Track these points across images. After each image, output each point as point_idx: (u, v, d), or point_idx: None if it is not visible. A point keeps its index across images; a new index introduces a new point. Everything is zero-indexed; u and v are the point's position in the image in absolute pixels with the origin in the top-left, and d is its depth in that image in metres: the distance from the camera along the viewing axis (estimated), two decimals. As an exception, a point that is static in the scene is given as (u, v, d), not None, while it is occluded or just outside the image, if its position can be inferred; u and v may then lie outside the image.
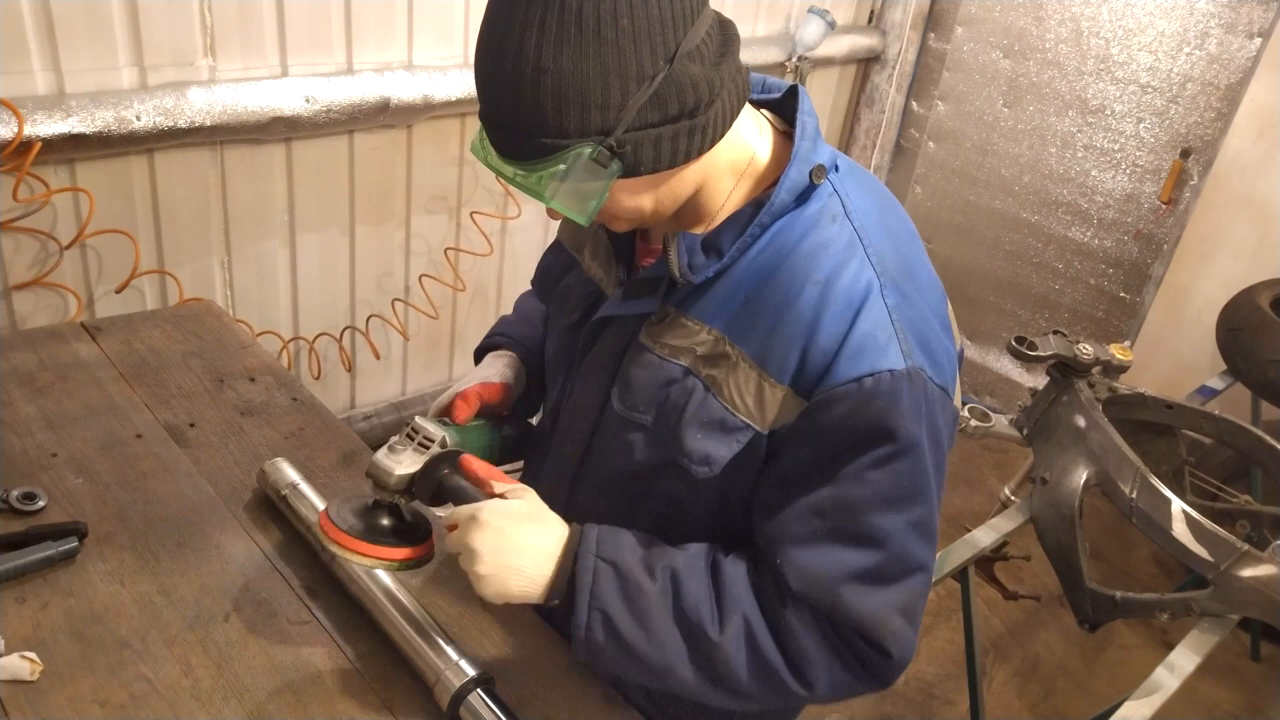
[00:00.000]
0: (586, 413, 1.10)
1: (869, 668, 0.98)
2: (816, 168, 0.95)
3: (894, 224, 1.01)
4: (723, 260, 0.96)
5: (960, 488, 3.43)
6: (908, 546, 0.95)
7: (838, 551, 0.94)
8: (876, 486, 0.93)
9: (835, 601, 0.94)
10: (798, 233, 0.95)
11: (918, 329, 0.94)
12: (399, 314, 2.70)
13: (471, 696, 1.04)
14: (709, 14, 0.89)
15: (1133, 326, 3.48)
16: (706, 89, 0.87)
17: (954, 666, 2.67)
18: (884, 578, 0.95)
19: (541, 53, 0.80)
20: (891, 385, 0.90)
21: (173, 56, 2.00)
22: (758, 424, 0.96)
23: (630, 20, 0.80)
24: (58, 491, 1.29)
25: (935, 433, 0.95)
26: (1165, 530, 1.77)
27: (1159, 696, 1.56)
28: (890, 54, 3.75)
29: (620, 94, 0.82)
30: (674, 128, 0.87)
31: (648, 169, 0.88)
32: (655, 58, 0.82)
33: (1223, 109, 3.12)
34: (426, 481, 1.06)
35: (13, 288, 1.98)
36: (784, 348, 0.93)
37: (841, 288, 0.92)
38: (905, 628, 0.97)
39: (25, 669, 1.02)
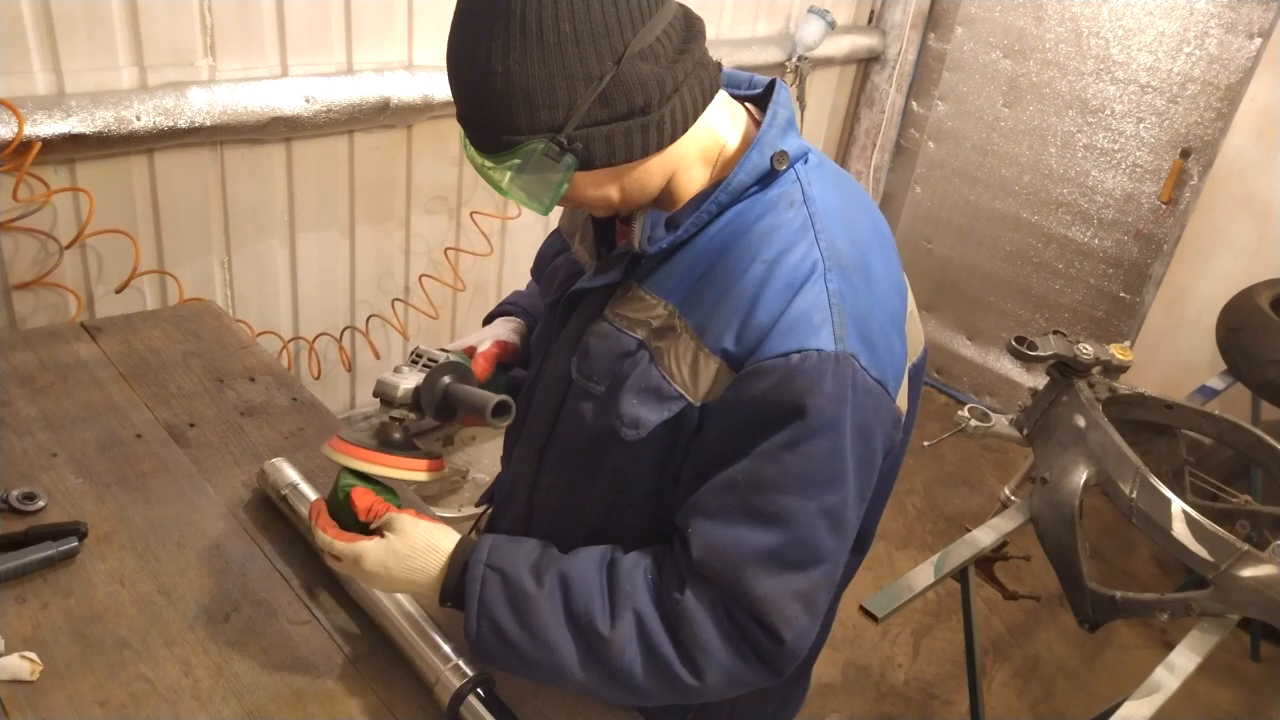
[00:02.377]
0: (555, 388, 1.13)
1: (761, 654, 0.97)
2: (778, 153, 0.98)
3: (858, 219, 1.02)
4: (678, 234, 0.98)
5: (960, 488, 3.44)
6: (814, 533, 0.95)
7: (744, 529, 0.94)
8: (789, 466, 0.92)
9: (736, 579, 0.95)
10: (755, 214, 0.98)
11: (860, 318, 0.94)
12: (399, 314, 2.70)
13: (471, 696, 1.04)
14: (670, 10, 0.91)
15: (1133, 326, 3.48)
16: (658, 87, 0.89)
17: (954, 666, 2.67)
18: (786, 562, 0.95)
19: (492, 57, 0.86)
20: (817, 364, 0.90)
21: (173, 56, 2.00)
22: (690, 395, 0.98)
23: (572, 25, 0.84)
24: (58, 491, 1.29)
25: (863, 423, 0.94)
26: (1165, 530, 1.77)
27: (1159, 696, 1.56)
28: (890, 54, 3.75)
29: (567, 94, 0.87)
30: (626, 124, 0.90)
31: (602, 163, 0.92)
32: (602, 59, 0.86)
33: (1223, 109, 3.12)
34: (430, 393, 1.07)
35: (13, 288, 1.98)
36: (723, 321, 0.95)
37: (786, 267, 0.94)
38: (802, 616, 0.96)
39: (25, 669, 1.02)
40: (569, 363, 1.09)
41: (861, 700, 2.54)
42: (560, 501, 1.16)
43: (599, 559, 1.01)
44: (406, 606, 1.13)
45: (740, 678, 0.98)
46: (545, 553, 1.03)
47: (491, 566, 1.01)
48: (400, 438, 1.09)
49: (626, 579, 0.99)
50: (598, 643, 0.97)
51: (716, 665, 0.96)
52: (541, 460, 1.17)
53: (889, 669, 2.66)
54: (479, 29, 0.86)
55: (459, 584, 1.01)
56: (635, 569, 1.00)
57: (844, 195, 1.03)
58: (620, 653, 0.96)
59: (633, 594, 0.98)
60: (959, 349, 3.98)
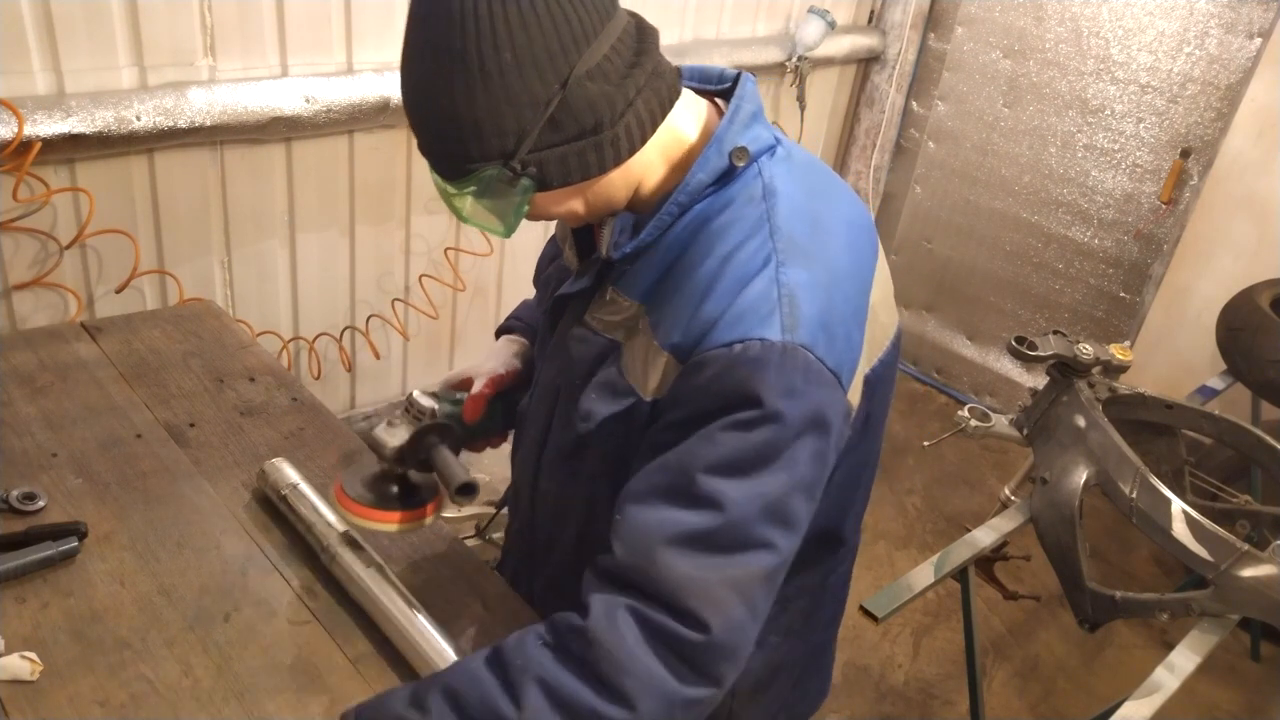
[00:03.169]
0: (547, 395, 1.13)
1: (687, 653, 0.88)
2: (737, 150, 0.97)
3: (823, 211, 1.01)
4: (640, 238, 0.98)
5: (960, 488, 3.44)
6: (748, 519, 0.88)
7: (668, 510, 0.89)
8: (724, 448, 0.89)
9: (650, 561, 0.88)
10: (715, 211, 0.97)
11: (817, 309, 0.92)
12: (399, 314, 2.71)
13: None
14: (618, 24, 0.90)
15: (1133, 326, 3.48)
16: (608, 106, 0.89)
17: (954, 666, 2.67)
18: (714, 545, 0.88)
19: (438, 90, 0.87)
20: (760, 353, 0.89)
21: (173, 56, 2.00)
22: (641, 390, 0.98)
23: (513, 53, 0.84)
24: (58, 491, 1.29)
25: (815, 415, 0.91)
26: (1165, 530, 1.77)
27: (1159, 696, 1.56)
28: (890, 54, 3.75)
29: (514, 121, 0.87)
30: (579, 145, 0.90)
31: (559, 183, 0.92)
32: (547, 84, 0.86)
33: (1223, 109, 3.12)
34: (415, 451, 1.14)
35: (13, 288, 1.98)
36: (675, 316, 0.95)
37: (738, 262, 0.93)
38: (734, 604, 0.88)
39: (25, 669, 1.02)
40: (556, 369, 1.10)
41: (861, 700, 2.54)
42: (554, 506, 1.17)
43: (482, 656, 0.93)
44: (406, 607, 1.13)
45: (675, 694, 0.88)
46: (423, 682, 0.95)
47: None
48: (396, 489, 1.16)
49: (516, 656, 0.91)
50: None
51: (643, 684, 0.86)
52: (539, 466, 1.18)
53: (889, 669, 2.66)
54: (424, 63, 0.87)
55: None
56: (522, 642, 0.92)
57: (810, 187, 1.02)
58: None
59: (526, 666, 0.89)
60: (959, 349, 3.98)
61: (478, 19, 0.83)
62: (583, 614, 0.90)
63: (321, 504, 1.27)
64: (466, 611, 1.22)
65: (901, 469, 3.48)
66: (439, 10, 0.84)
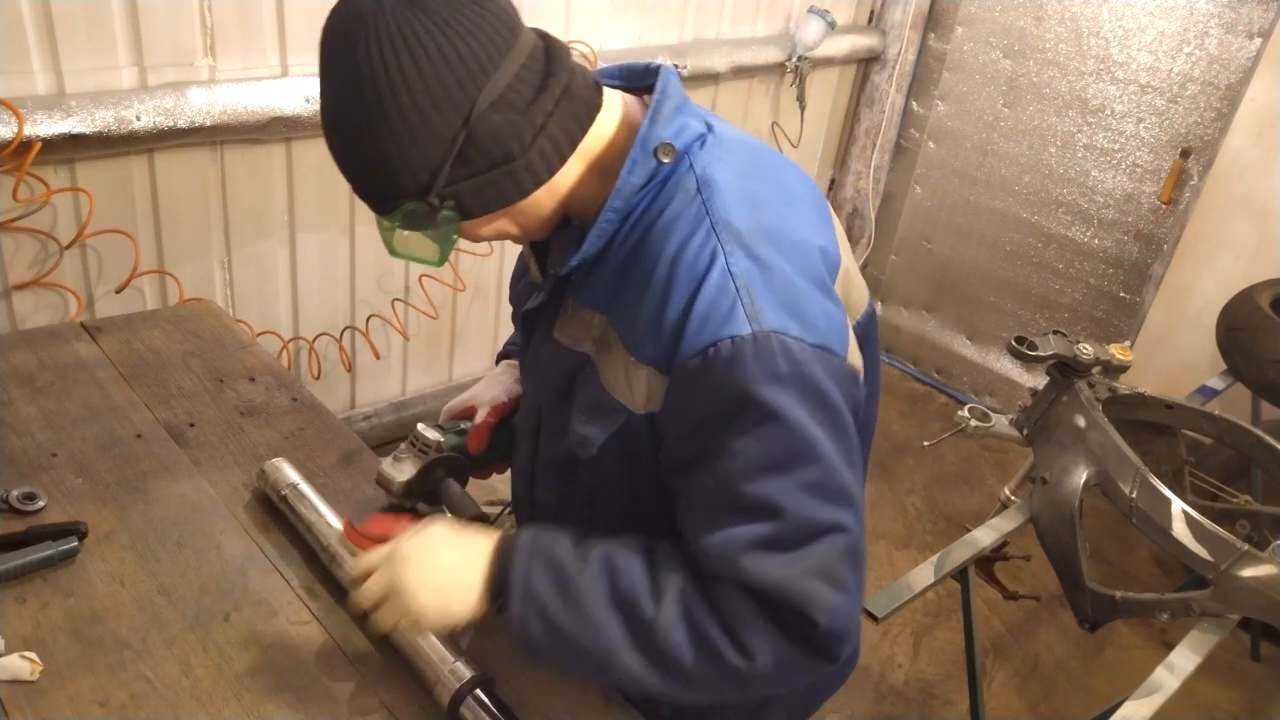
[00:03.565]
0: (532, 410, 1.15)
1: (806, 639, 0.93)
2: (662, 146, 0.96)
3: (761, 191, 1.00)
4: (584, 249, 0.98)
5: (960, 488, 3.44)
6: (804, 510, 0.91)
7: (731, 527, 0.92)
8: (747, 455, 0.90)
9: (741, 576, 0.92)
10: (656, 211, 0.97)
11: (777, 291, 0.92)
12: (399, 314, 2.70)
13: (471, 697, 1.04)
14: (521, 51, 0.90)
15: (1133, 326, 3.47)
16: (515, 136, 0.90)
17: (954, 666, 2.67)
18: (785, 544, 0.91)
19: (348, 135, 0.90)
20: (733, 351, 0.89)
21: (173, 56, 2.00)
22: (630, 404, 0.98)
23: (411, 96, 0.85)
24: (58, 491, 1.29)
25: (810, 390, 0.91)
26: (1165, 530, 1.77)
27: (1159, 696, 1.56)
28: (890, 54, 3.75)
29: (423, 159, 0.88)
30: (492, 175, 0.91)
31: (480, 212, 0.94)
32: (449, 122, 0.87)
33: (1223, 109, 3.12)
34: (423, 485, 1.15)
35: (13, 288, 1.98)
36: (642, 327, 0.95)
37: (685, 262, 0.93)
38: (828, 593, 0.92)
39: (25, 669, 1.02)
40: (535, 385, 1.12)
41: (861, 700, 2.54)
42: (554, 516, 1.18)
43: (637, 542, 0.99)
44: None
45: (791, 660, 0.94)
46: (588, 537, 1.00)
47: (535, 554, 0.98)
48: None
49: (666, 560, 0.96)
50: (644, 624, 0.94)
51: (765, 644, 0.93)
52: (532, 479, 1.19)
53: (889, 669, 2.66)
54: (334, 111, 0.90)
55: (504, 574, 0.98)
56: (673, 556, 0.97)
57: (746, 169, 1.01)
58: (667, 635, 0.93)
59: (673, 577, 0.95)
60: (959, 349, 3.98)
61: (372, 67, 0.84)
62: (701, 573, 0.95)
63: (321, 504, 1.27)
64: (466, 611, 1.22)
65: (901, 469, 3.48)
66: (342, 61, 0.87)
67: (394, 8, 0.84)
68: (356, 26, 0.85)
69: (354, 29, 0.85)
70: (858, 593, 0.95)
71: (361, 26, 0.85)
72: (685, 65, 2.97)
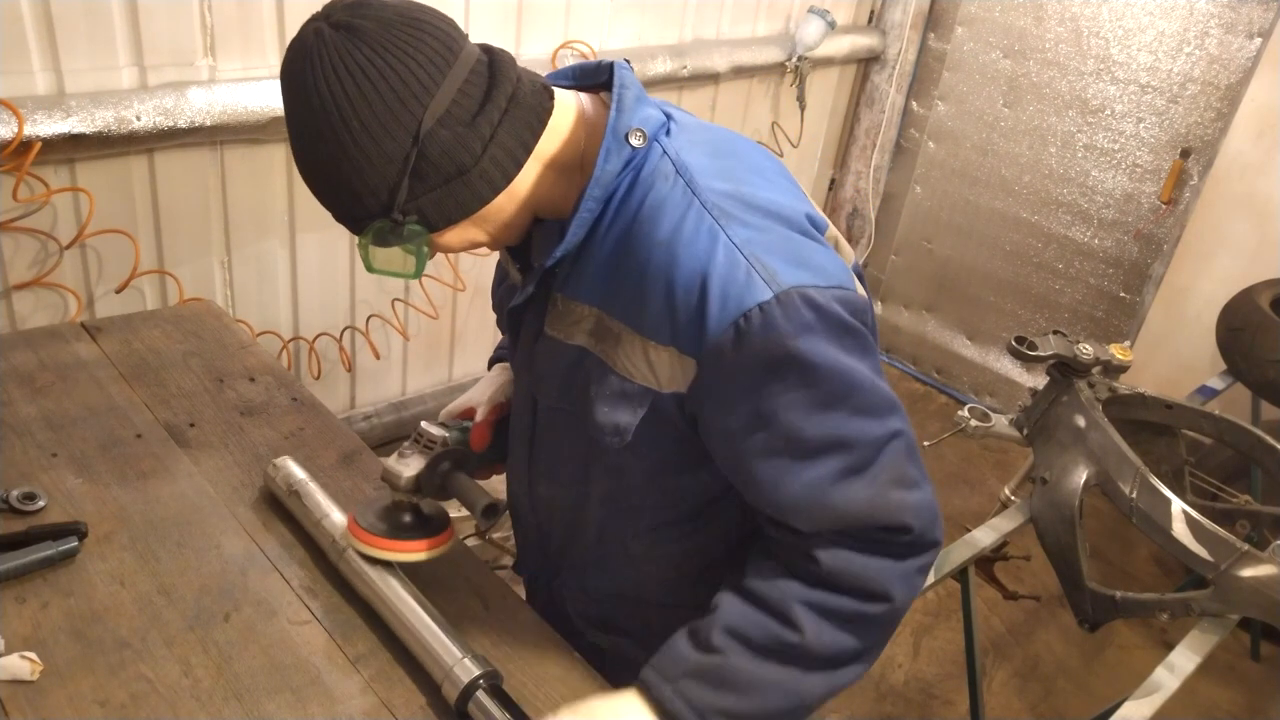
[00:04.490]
0: (524, 407, 1.17)
1: (904, 548, 1.01)
2: (633, 131, 0.98)
3: (731, 165, 1.02)
4: (567, 240, 1.00)
5: (960, 488, 3.43)
6: (865, 431, 0.97)
7: (808, 473, 0.97)
8: (800, 405, 0.95)
9: (836, 514, 0.97)
10: (637, 198, 0.99)
11: (781, 250, 0.95)
12: (399, 314, 2.70)
13: (479, 693, 1.04)
14: (464, 66, 0.92)
15: (1133, 326, 3.47)
16: (465, 149, 0.93)
17: (954, 666, 2.67)
18: (861, 468, 0.97)
19: (310, 163, 0.94)
20: (763, 318, 0.92)
21: (173, 56, 2.00)
22: (654, 385, 1.00)
23: (360, 120, 0.89)
24: (58, 491, 1.29)
25: (838, 328, 0.95)
26: (1165, 530, 1.77)
27: (1159, 696, 1.56)
28: (890, 54, 3.75)
29: (379, 180, 0.92)
30: (449, 188, 0.94)
31: (444, 224, 0.97)
32: (399, 141, 0.90)
33: (1223, 109, 3.12)
34: (431, 479, 1.16)
35: (13, 288, 1.98)
36: (654, 311, 0.97)
37: (685, 241, 0.95)
38: (907, 495, 0.99)
39: (25, 669, 1.02)
40: (528, 383, 1.13)
41: (861, 700, 2.54)
42: (563, 510, 1.20)
43: (734, 596, 1.03)
44: (414, 604, 1.13)
45: (911, 573, 1.02)
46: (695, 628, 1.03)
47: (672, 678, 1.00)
48: (410, 519, 1.18)
49: (771, 590, 1.01)
50: (800, 652, 0.99)
51: (889, 579, 1.00)
52: (531, 477, 1.20)
53: (889, 669, 2.66)
54: (297, 141, 0.94)
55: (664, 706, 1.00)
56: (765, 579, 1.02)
57: (714, 148, 1.04)
58: (824, 644, 0.99)
59: (784, 596, 1.00)
60: (959, 349, 3.98)
61: (321, 99, 0.88)
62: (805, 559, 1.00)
63: (327, 501, 1.28)
64: (466, 611, 1.22)
65: (901, 469, 3.48)
66: (296, 97, 0.91)
67: (334, 40, 0.88)
68: (303, 62, 0.89)
69: (301, 65, 0.90)
70: (926, 482, 1.03)
71: (307, 61, 0.89)
72: (685, 65, 2.97)
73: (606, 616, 1.28)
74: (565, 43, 2.70)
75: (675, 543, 1.16)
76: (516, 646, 1.18)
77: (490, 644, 1.18)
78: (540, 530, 1.26)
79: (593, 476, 1.13)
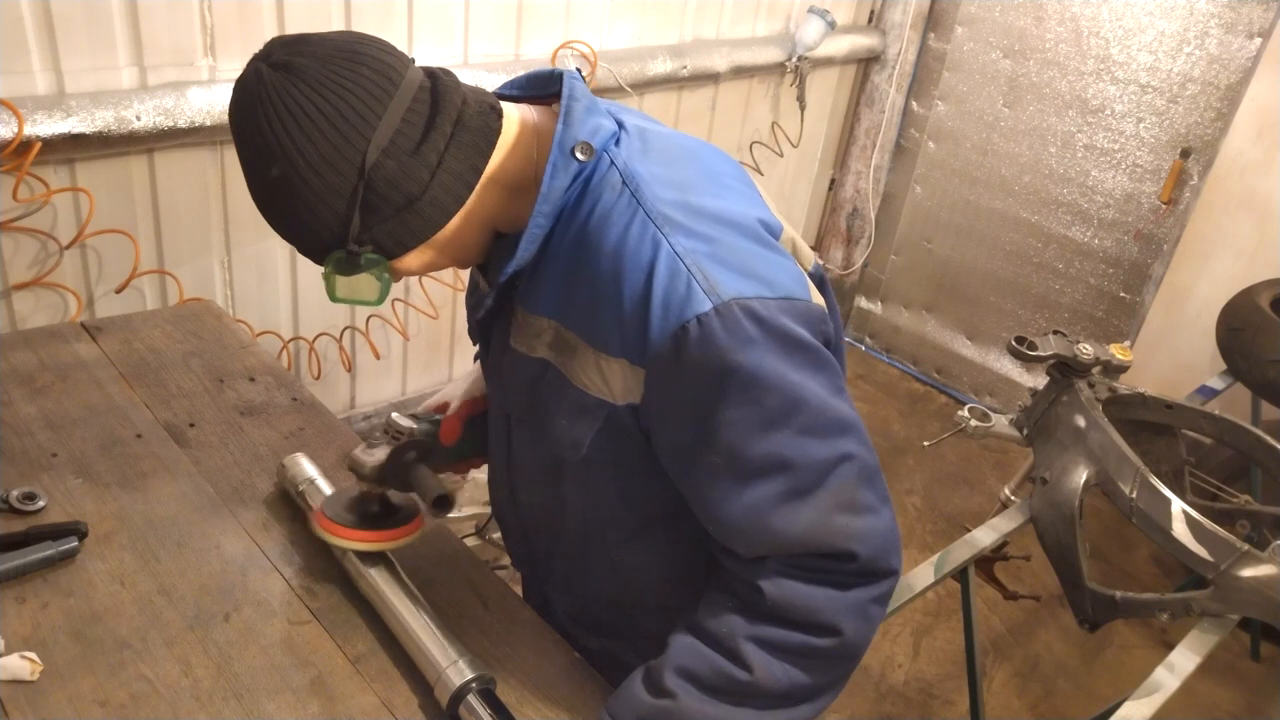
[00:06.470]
0: (498, 418, 1.18)
1: (858, 577, 0.97)
2: (579, 145, 0.98)
3: (682, 173, 1.02)
4: (518, 255, 0.99)
5: (960, 488, 3.44)
6: (809, 453, 0.94)
7: (749, 492, 0.95)
8: (743, 421, 0.93)
9: (775, 539, 0.95)
10: (585, 210, 0.98)
11: (726, 260, 0.94)
12: (399, 314, 2.71)
13: (471, 696, 1.04)
14: (405, 95, 0.93)
15: (1133, 326, 3.47)
16: (411, 178, 0.93)
17: (954, 666, 2.67)
18: (804, 491, 0.94)
19: (265, 204, 0.95)
20: (701, 330, 0.90)
21: (173, 56, 2.00)
22: (609, 397, 0.99)
23: (303, 159, 0.90)
24: (58, 491, 1.29)
25: (785, 341, 0.93)
26: (1165, 530, 1.77)
27: (1159, 696, 1.55)
28: (890, 54, 3.75)
29: (330, 214, 0.93)
30: (400, 217, 0.95)
31: (402, 250, 0.98)
32: (345, 176, 0.91)
33: (1223, 109, 3.12)
34: (394, 469, 1.17)
35: (13, 288, 1.98)
36: (604, 323, 0.96)
37: (629, 251, 0.94)
38: (854, 521, 0.96)
39: (25, 669, 1.02)
40: (498, 393, 1.14)
41: (861, 700, 2.54)
42: (544, 517, 1.20)
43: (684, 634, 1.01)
44: (411, 605, 1.13)
45: (863, 603, 0.98)
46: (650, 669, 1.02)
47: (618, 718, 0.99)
48: (377, 508, 1.19)
49: (719, 625, 0.99)
50: (751, 690, 0.96)
51: (837, 611, 0.96)
52: (511, 485, 1.21)
53: (889, 669, 2.66)
54: (251, 183, 0.95)
55: None
56: (713, 612, 1.00)
57: (667, 156, 1.03)
58: (774, 680, 0.96)
59: (732, 630, 0.97)
60: (959, 349, 3.98)
61: (265, 139, 0.90)
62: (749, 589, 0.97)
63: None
64: (466, 612, 1.22)
65: (901, 469, 3.48)
66: (241, 136, 0.93)
67: (272, 80, 0.90)
68: (245, 104, 0.91)
69: (244, 107, 0.91)
70: (884, 507, 0.99)
71: (250, 103, 0.90)
72: (685, 65, 2.97)
73: (595, 619, 1.28)
74: (565, 43, 2.70)
75: (655, 548, 1.15)
76: (516, 646, 1.18)
77: (490, 644, 1.18)
78: (525, 535, 1.26)
79: (565, 487, 1.12)
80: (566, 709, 1.11)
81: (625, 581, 1.20)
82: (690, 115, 3.22)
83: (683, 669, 0.98)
